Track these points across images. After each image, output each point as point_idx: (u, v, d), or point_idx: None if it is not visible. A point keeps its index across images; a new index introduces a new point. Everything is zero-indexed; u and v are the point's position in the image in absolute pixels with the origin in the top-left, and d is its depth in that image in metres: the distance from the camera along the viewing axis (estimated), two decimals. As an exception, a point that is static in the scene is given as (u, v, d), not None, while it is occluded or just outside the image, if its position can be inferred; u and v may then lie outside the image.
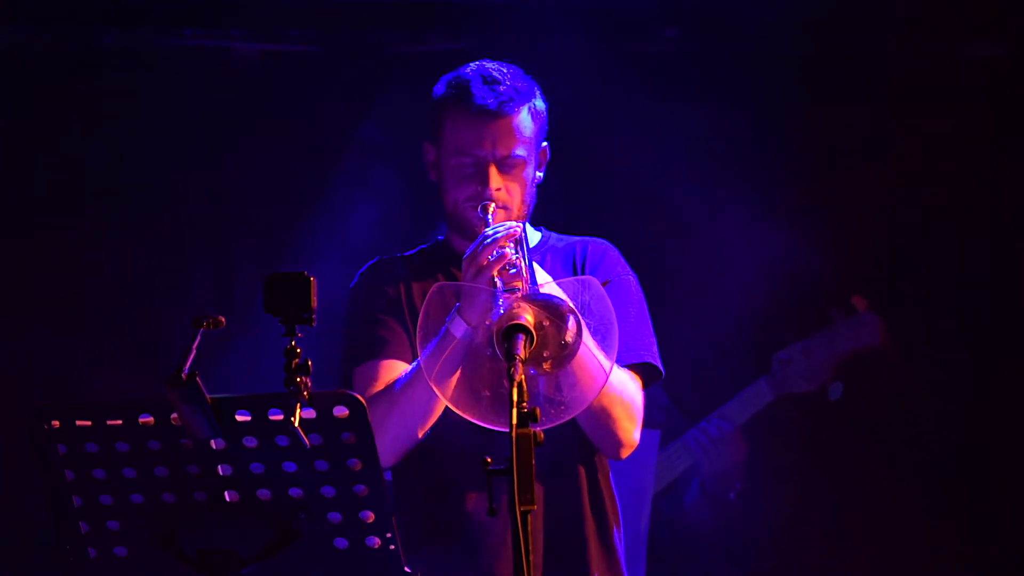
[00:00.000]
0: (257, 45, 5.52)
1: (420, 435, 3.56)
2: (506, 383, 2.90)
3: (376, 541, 2.95)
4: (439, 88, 3.80)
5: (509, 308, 3.08)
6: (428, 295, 3.31)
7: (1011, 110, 5.48)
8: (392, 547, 2.94)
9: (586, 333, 3.19)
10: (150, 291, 5.41)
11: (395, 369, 3.63)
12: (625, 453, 3.63)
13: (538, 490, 3.50)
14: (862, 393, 5.47)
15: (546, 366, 3.14)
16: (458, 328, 3.38)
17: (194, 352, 2.79)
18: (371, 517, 2.93)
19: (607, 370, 3.20)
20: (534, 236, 3.88)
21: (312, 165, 5.50)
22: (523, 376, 2.87)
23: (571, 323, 3.13)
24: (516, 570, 2.78)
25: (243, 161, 5.50)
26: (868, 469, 5.52)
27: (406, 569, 2.96)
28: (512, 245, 3.47)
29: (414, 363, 3.56)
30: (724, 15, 5.36)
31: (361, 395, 3.52)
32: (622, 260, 3.81)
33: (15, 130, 5.38)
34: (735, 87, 5.43)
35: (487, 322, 3.27)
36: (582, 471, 3.69)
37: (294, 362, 2.82)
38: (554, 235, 3.90)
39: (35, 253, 5.40)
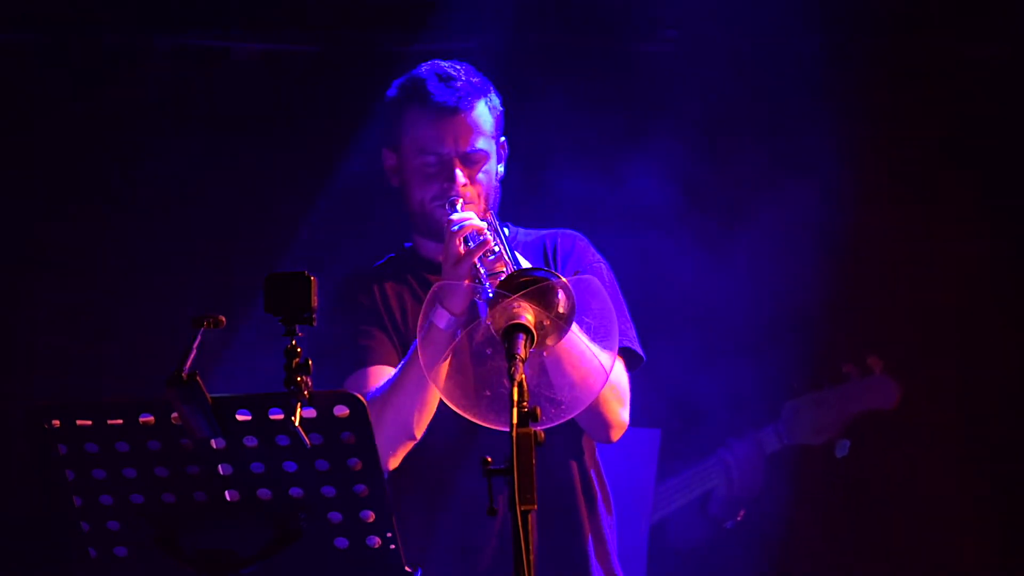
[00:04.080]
0: (257, 45, 5.52)
1: (417, 433, 3.56)
2: (506, 383, 2.90)
3: (376, 541, 2.95)
4: (392, 91, 3.81)
5: (507, 306, 3.07)
6: (427, 297, 3.32)
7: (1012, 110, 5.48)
8: (392, 547, 2.94)
9: (580, 332, 3.20)
10: (150, 291, 5.40)
11: (383, 374, 3.64)
12: (616, 435, 3.64)
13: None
14: (868, 454, 5.46)
15: (548, 341, 3.13)
16: (440, 319, 3.38)
17: (194, 352, 2.79)
18: (371, 517, 2.93)
19: (607, 369, 3.20)
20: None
21: (312, 165, 5.49)
22: (523, 376, 2.87)
23: (560, 295, 3.12)
24: (516, 570, 2.78)
25: (243, 161, 5.50)
26: (863, 525, 5.53)
27: (406, 569, 2.96)
28: (490, 232, 3.48)
29: (400, 363, 3.56)
30: (722, 15, 5.35)
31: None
32: (592, 248, 3.82)
33: (15, 129, 5.37)
34: (735, 100, 5.43)
35: (488, 321, 3.28)
36: (573, 464, 3.69)
37: (294, 362, 2.82)
38: (522, 230, 3.91)
39: (35, 253, 5.40)
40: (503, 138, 3.84)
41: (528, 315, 3.05)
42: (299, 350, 2.83)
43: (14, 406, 5.01)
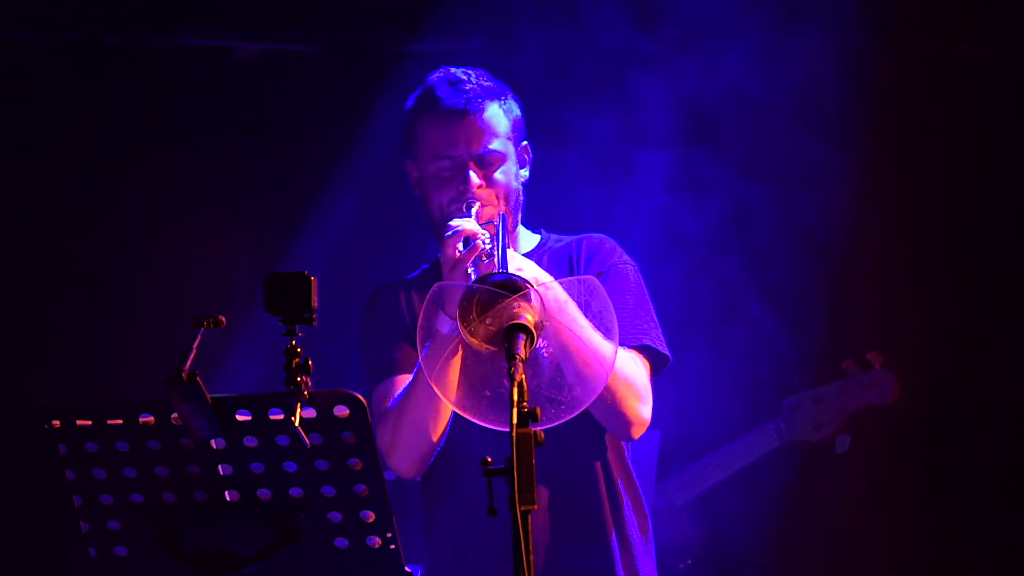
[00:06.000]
0: (257, 45, 5.52)
1: (435, 439, 3.56)
2: (506, 383, 2.90)
3: (376, 541, 2.95)
4: (408, 103, 3.81)
5: (508, 306, 3.07)
6: (429, 293, 3.32)
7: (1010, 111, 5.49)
8: (392, 547, 2.94)
9: (587, 331, 3.19)
10: (150, 291, 5.40)
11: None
12: (636, 432, 3.61)
13: (554, 483, 3.52)
14: (869, 448, 5.46)
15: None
16: (443, 324, 3.39)
17: (194, 352, 2.79)
18: (371, 517, 2.93)
19: (607, 369, 3.19)
20: (532, 238, 3.89)
21: (312, 164, 5.50)
22: (523, 376, 2.87)
23: (533, 300, 3.12)
24: (516, 570, 2.78)
25: (243, 160, 5.50)
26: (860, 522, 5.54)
27: (406, 569, 2.96)
28: (486, 236, 3.48)
29: (414, 369, 3.57)
30: (723, 15, 5.36)
31: (378, 411, 3.55)
32: (619, 250, 3.81)
33: (16, 130, 5.37)
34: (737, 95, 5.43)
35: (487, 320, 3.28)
36: (598, 465, 3.69)
37: (294, 362, 2.82)
38: (553, 236, 3.90)
39: (35, 253, 5.40)
40: (525, 142, 3.81)
41: (528, 315, 3.05)
42: (299, 350, 2.83)
43: (14, 406, 5.04)
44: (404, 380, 3.64)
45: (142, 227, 5.45)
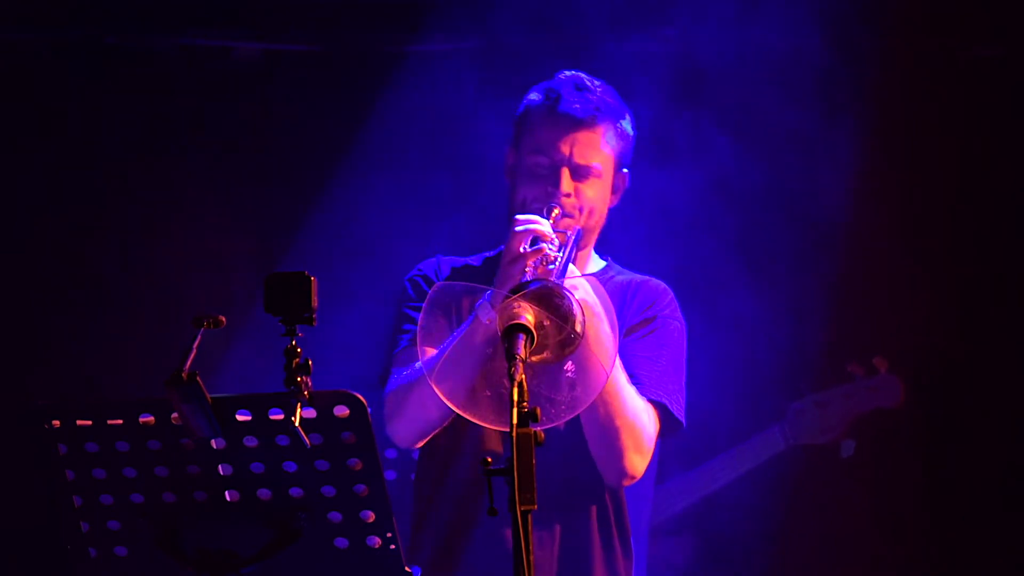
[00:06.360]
0: (257, 45, 5.52)
1: (439, 418, 3.55)
2: (506, 383, 2.89)
3: (376, 541, 2.95)
4: (529, 93, 3.79)
5: (508, 306, 3.06)
6: (430, 293, 3.31)
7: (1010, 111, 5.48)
8: (392, 547, 2.94)
9: (592, 333, 3.20)
10: (150, 291, 5.40)
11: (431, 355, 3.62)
12: (626, 482, 3.61)
13: (552, 525, 3.53)
14: (869, 449, 5.46)
15: (546, 354, 3.12)
16: (485, 314, 3.36)
17: (194, 352, 2.79)
18: (371, 517, 2.93)
19: (608, 369, 3.19)
20: (598, 263, 3.86)
21: (312, 164, 5.50)
22: (523, 376, 2.87)
23: (575, 311, 3.12)
24: (516, 570, 2.78)
25: (243, 160, 5.50)
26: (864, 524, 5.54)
27: (406, 569, 2.96)
28: (555, 243, 3.46)
29: (440, 348, 3.52)
30: (724, 15, 5.35)
31: (394, 373, 3.53)
32: (675, 304, 3.77)
33: (16, 130, 5.37)
34: (732, 97, 5.43)
35: (487, 320, 3.28)
36: (594, 510, 3.68)
37: (294, 362, 2.82)
38: (618, 268, 3.88)
39: (35, 253, 5.40)
40: (626, 170, 3.79)
41: (528, 315, 3.05)
42: (299, 350, 2.83)
43: (14, 406, 5.04)
44: (427, 351, 3.62)
45: (142, 227, 5.45)
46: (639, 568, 3.80)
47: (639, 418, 3.55)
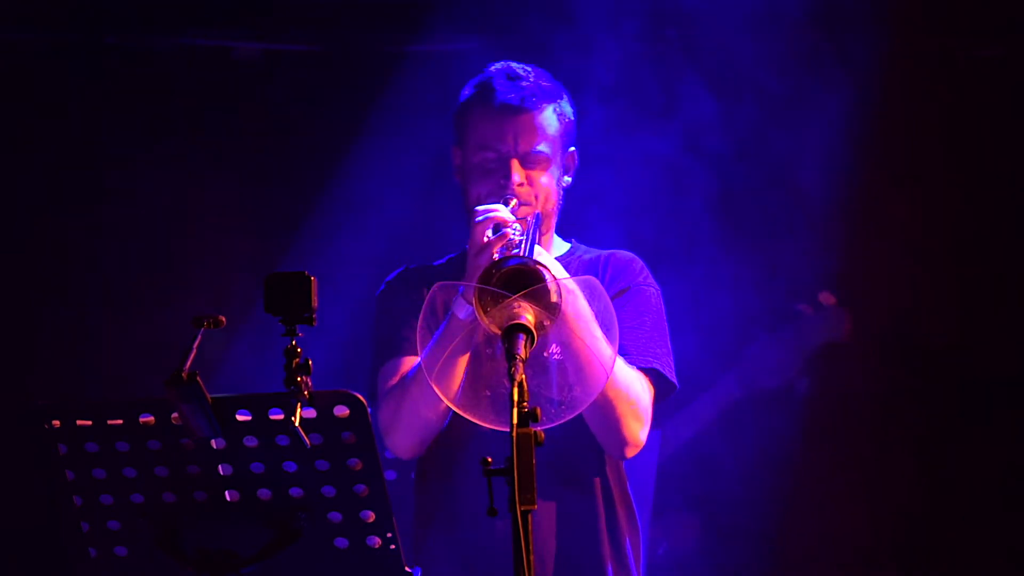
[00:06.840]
0: (257, 45, 5.52)
1: (435, 423, 3.56)
2: (506, 383, 2.89)
3: (376, 541, 2.95)
4: (464, 91, 3.80)
5: (508, 306, 3.06)
6: (430, 292, 3.31)
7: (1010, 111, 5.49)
8: (392, 547, 2.94)
9: (591, 332, 3.20)
10: (150, 291, 5.40)
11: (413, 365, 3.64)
12: (630, 452, 3.62)
13: (552, 500, 3.53)
14: (869, 449, 5.46)
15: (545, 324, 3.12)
16: (461, 309, 3.37)
17: (194, 352, 2.79)
18: (371, 517, 2.93)
19: (608, 369, 3.19)
20: (562, 246, 3.87)
21: (312, 164, 5.50)
22: (523, 376, 2.87)
23: (550, 283, 3.11)
24: (516, 570, 2.78)
25: (243, 160, 5.50)
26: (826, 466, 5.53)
27: (406, 569, 2.96)
28: (517, 227, 3.47)
29: (424, 350, 3.53)
30: (721, 13, 5.36)
31: (382, 389, 3.52)
32: (646, 271, 3.79)
33: (16, 130, 5.37)
34: (729, 85, 5.42)
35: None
36: (597, 482, 3.69)
37: (294, 362, 2.82)
38: (583, 247, 3.88)
39: (35, 252, 5.40)
40: (572, 148, 3.80)
41: (528, 315, 3.05)
42: (299, 350, 2.83)
43: (14, 406, 5.04)
44: (412, 361, 3.63)
45: (142, 227, 5.45)
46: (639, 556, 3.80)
47: (632, 387, 3.57)
